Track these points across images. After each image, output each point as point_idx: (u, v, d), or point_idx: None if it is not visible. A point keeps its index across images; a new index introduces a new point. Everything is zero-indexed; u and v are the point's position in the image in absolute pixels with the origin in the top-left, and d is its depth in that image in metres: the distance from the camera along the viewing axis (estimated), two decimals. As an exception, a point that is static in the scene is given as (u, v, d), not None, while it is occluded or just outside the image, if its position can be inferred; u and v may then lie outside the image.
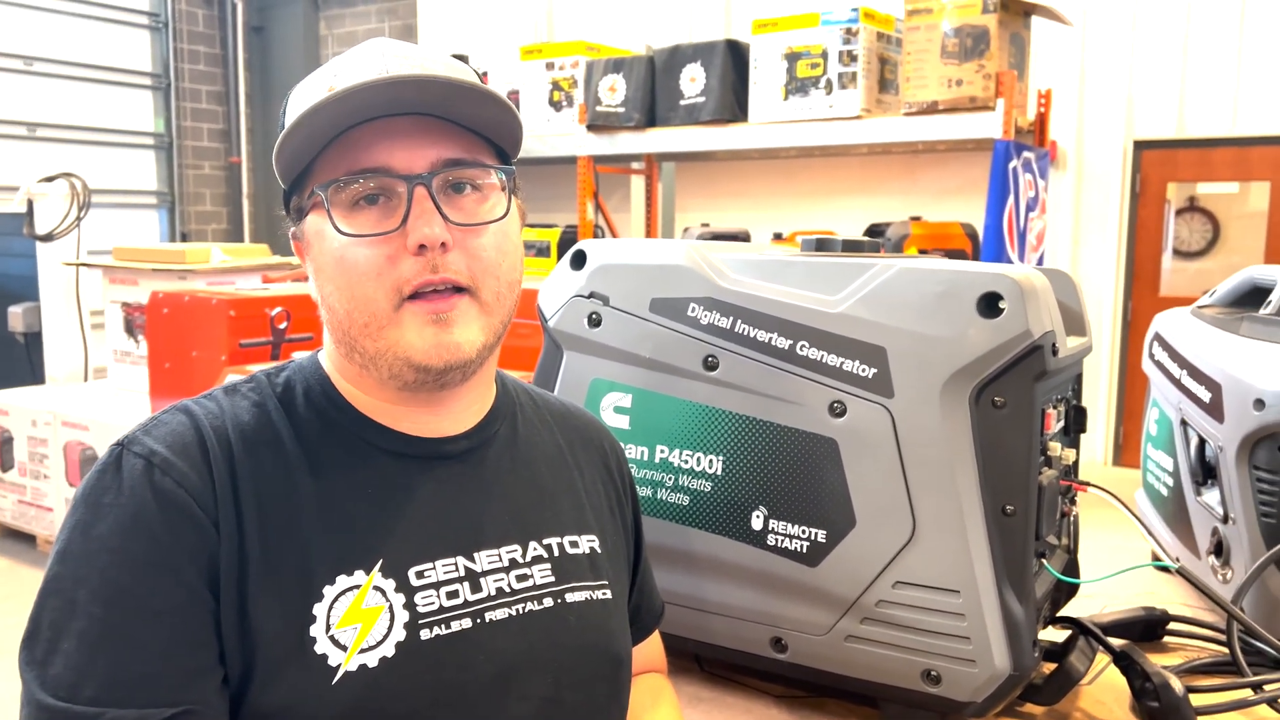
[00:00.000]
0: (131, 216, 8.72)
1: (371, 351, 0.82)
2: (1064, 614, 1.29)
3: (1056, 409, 1.19)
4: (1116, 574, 1.25)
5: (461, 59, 1.44)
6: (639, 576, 1.05)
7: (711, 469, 1.18)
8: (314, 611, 0.76)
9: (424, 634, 0.79)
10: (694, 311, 1.19)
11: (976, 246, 4.59)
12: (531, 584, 0.86)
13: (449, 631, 0.80)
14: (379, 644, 0.77)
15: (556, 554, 0.89)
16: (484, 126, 0.86)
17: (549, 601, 0.86)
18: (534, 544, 0.88)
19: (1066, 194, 5.66)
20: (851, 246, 1.23)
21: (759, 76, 4.85)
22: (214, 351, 3.25)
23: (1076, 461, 1.28)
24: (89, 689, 0.70)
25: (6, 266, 5.50)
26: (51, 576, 0.75)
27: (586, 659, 0.88)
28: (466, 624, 0.81)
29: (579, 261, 1.28)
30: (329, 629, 0.76)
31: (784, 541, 1.14)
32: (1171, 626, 1.39)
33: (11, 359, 5.44)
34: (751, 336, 1.15)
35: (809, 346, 1.12)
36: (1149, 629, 1.39)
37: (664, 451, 1.21)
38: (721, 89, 4.94)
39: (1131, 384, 5.66)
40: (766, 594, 1.16)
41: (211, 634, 0.74)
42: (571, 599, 0.88)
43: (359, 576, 0.78)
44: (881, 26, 4.69)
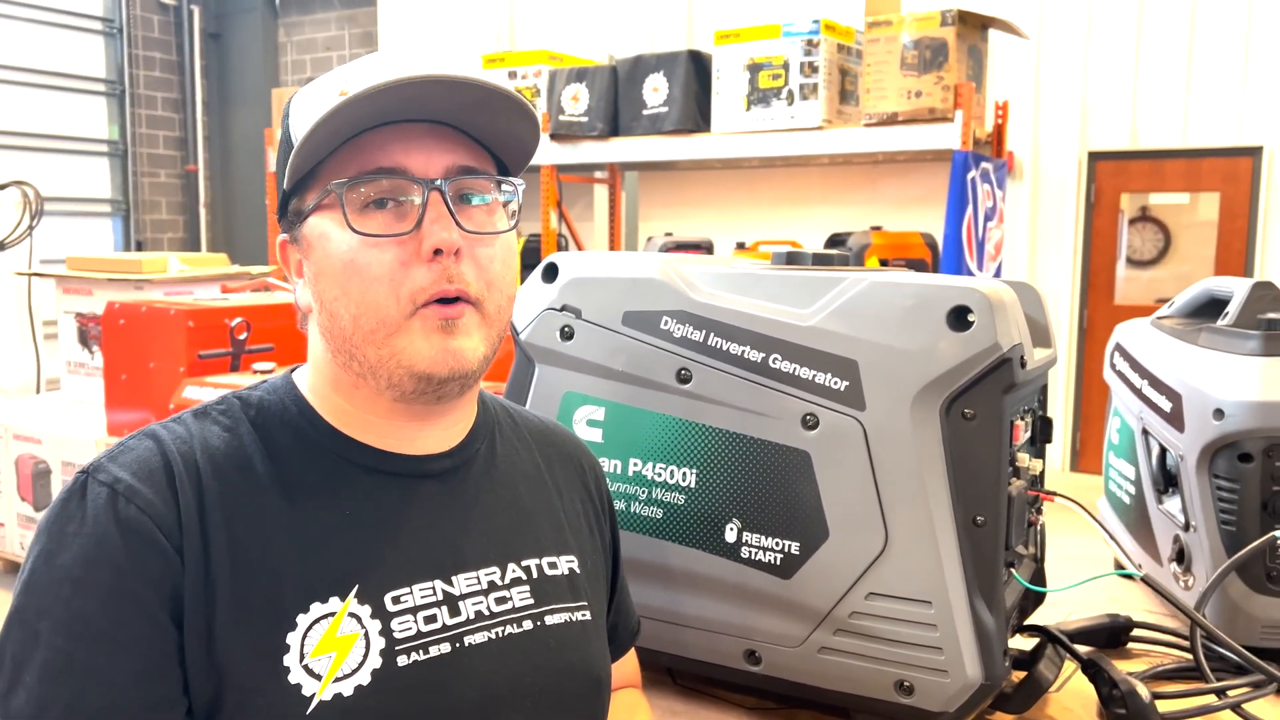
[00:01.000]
0: (85, 225, 8.58)
1: (374, 359, 0.80)
2: (1031, 622, 1.31)
3: (1024, 420, 1.21)
4: (1083, 582, 1.26)
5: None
6: (616, 595, 1.04)
7: (685, 482, 1.19)
8: (287, 640, 0.75)
9: (401, 660, 0.77)
10: (667, 325, 1.19)
11: (936, 256, 4.64)
12: (510, 607, 0.85)
13: (427, 657, 0.79)
14: (354, 672, 0.76)
15: (535, 576, 0.88)
16: (495, 138, 0.85)
17: (528, 624, 0.86)
18: (513, 566, 0.87)
19: (1023, 204, 5.75)
20: (822, 260, 1.24)
21: (721, 87, 4.88)
22: (172, 363, 3.19)
23: (1043, 471, 1.30)
24: None
25: (-45, 276, 5.36)
26: (15, 608, 0.73)
27: (567, 681, 0.87)
28: (445, 649, 0.80)
29: (550, 274, 1.28)
30: (303, 658, 0.75)
31: (757, 554, 1.15)
32: (1135, 633, 1.42)
33: (-40, 371, 5.31)
34: (724, 350, 1.16)
35: (781, 359, 1.13)
36: (1113, 636, 1.41)
37: (637, 465, 1.21)
38: (684, 99, 4.96)
39: (1088, 391, 5.76)
40: (740, 606, 1.16)
41: (175, 665, 0.73)
42: (551, 621, 0.87)
43: (334, 603, 0.77)
44: (842, 38, 4.74)
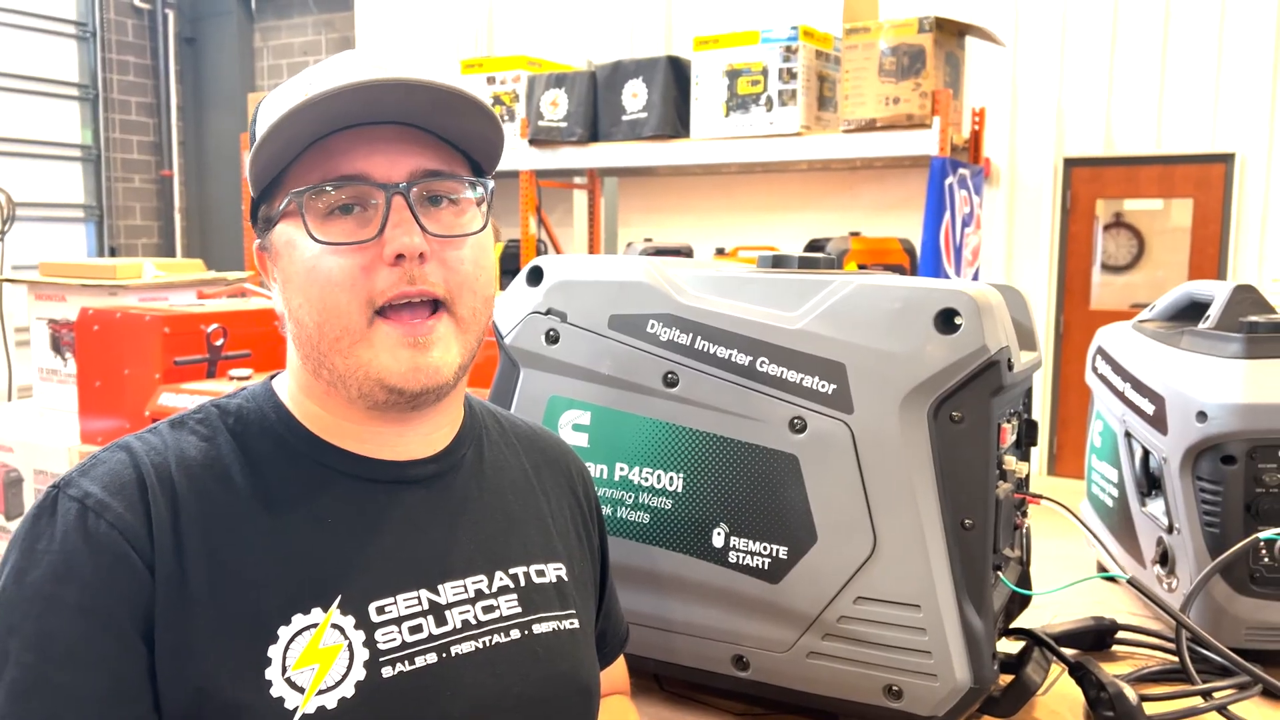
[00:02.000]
0: (58, 231, 8.49)
1: (341, 369, 0.79)
2: (1017, 625, 1.31)
3: (1010, 423, 1.21)
4: (1071, 585, 1.27)
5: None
6: (605, 601, 1.03)
7: (672, 486, 1.18)
8: (269, 653, 0.73)
9: (386, 671, 0.76)
10: (653, 328, 1.18)
11: (914, 261, 4.67)
12: (498, 615, 0.84)
13: (413, 668, 0.77)
14: (338, 684, 0.74)
15: (523, 584, 0.87)
16: (464, 138, 0.84)
17: (516, 633, 0.84)
18: (500, 574, 0.86)
19: (1000, 210, 5.80)
20: (808, 263, 1.23)
21: (700, 93, 4.89)
22: (147, 369, 3.15)
23: (1028, 474, 1.30)
24: None
25: (-75, 282, 5.29)
26: None
27: (555, 691, 0.86)
28: (431, 659, 0.78)
29: (535, 278, 1.27)
30: (285, 671, 0.73)
31: (745, 558, 1.14)
32: (1120, 635, 1.42)
33: (-70, 378, 5.24)
34: (711, 353, 1.15)
35: (769, 363, 1.12)
36: (1099, 638, 1.41)
37: (624, 469, 1.20)
38: (663, 105, 4.97)
39: (1065, 395, 5.80)
40: (728, 612, 1.16)
41: (146, 684, 0.71)
42: (539, 630, 0.86)
43: (316, 614, 0.75)
44: (820, 45, 4.76)
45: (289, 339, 0.84)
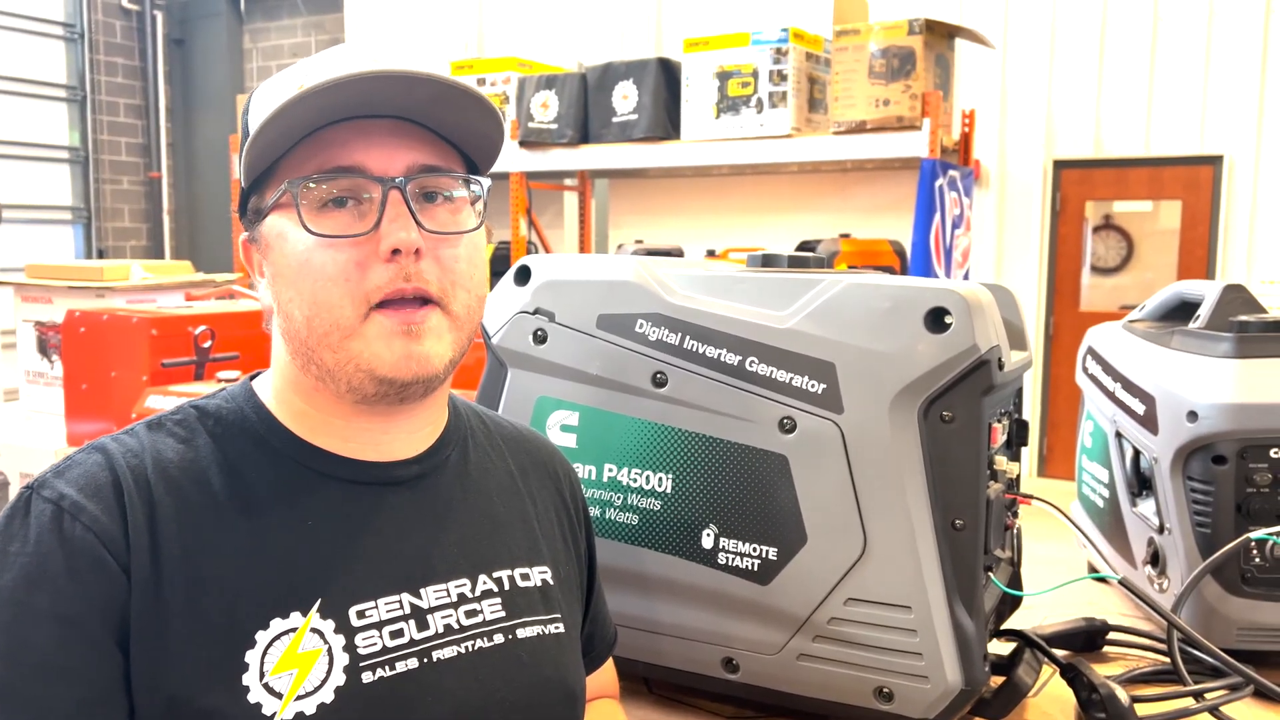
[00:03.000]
0: (45, 233, 8.44)
1: (330, 363, 0.78)
2: (1008, 627, 1.30)
3: (1001, 423, 1.20)
4: (1061, 586, 1.26)
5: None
6: (592, 605, 1.02)
7: (661, 487, 1.17)
8: (246, 659, 0.72)
9: (366, 677, 0.75)
10: (642, 328, 1.17)
11: (904, 263, 4.67)
12: (481, 620, 0.83)
13: (394, 673, 0.76)
14: (316, 690, 0.73)
15: (507, 588, 0.86)
16: (462, 135, 0.83)
17: (499, 638, 0.83)
18: (484, 577, 0.85)
19: (990, 212, 5.80)
20: (798, 262, 1.22)
21: (691, 95, 4.88)
22: (134, 372, 3.13)
23: (1019, 475, 1.30)
24: None
25: (-89, 284, 5.25)
26: None
27: (539, 696, 0.84)
28: (413, 664, 0.77)
29: (523, 277, 1.26)
30: (263, 676, 0.72)
31: (735, 560, 1.13)
32: (1111, 636, 1.41)
33: (-85, 381, 5.20)
34: (700, 353, 1.14)
35: (758, 362, 1.12)
36: (1090, 639, 1.40)
37: (612, 470, 1.19)
38: (654, 107, 4.96)
39: (1054, 396, 5.81)
40: (717, 614, 1.15)
41: (120, 691, 0.70)
42: (523, 635, 0.85)
43: (295, 619, 0.74)
44: (810, 47, 4.76)
45: (275, 334, 0.83)
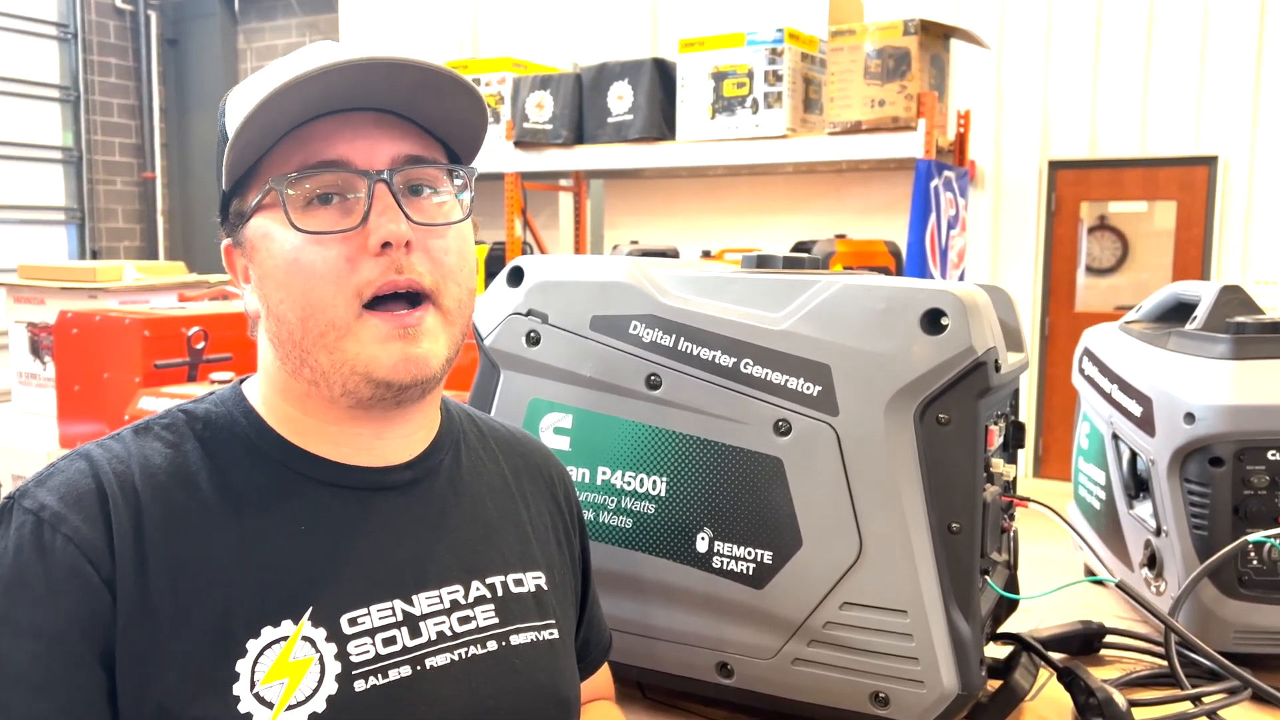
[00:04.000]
0: (38, 233, 8.41)
1: (325, 365, 0.77)
2: (1005, 630, 1.29)
3: (997, 425, 1.19)
4: (1057, 589, 1.25)
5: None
6: (587, 610, 1.01)
7: (655, 490, 1.16)
8: (237, 668, 0.71)
9: (358, 685, 0.74)
10: (636, 329, 1.16)
11: (900, 264, 4.66)
12: (474, 627, 0.81)
13: (386, 681, 0.75)
14: (308, 699, 0.72)
15: (501, 594, 0.85)
16: (445, 124, 0.82)
17: (493, 645, 0.82)
18: (477, 584, 0.83)
19: (985, 212, 5.80)
20: (793, 263, 1.22)
21: (686, 95, 4.88)
22: (127, 373, 3.12)
23: (1015, 477, 1.29)
24: None
25: (-98, 285, 5.22)
26: None
27: (533, 704, 0.83)
28: (405, 672, 0.76)
29: (516, 278, 1.25)
30: (253, 686, 0.70)
31: (729, 563, 1.12)
32: (1108, 639, 1.41)
33: (-93, 382, 5.17)
34: (695, 354, 1.13)
35: (753, 364, 1.11)
36: (1086, 643, 1.40)
37: (606, 473, 1.18)
38: (649, 107, 4.95)
39: (1050, 398, 5.81)
40: (712, 618, 1.14)
41: (101, 706, 0.69)
42: (516, 641, 0.84)
43: (286, 627, 0.73)
44: (806, 47, 4.76)
45: (263, 338, 0.81)
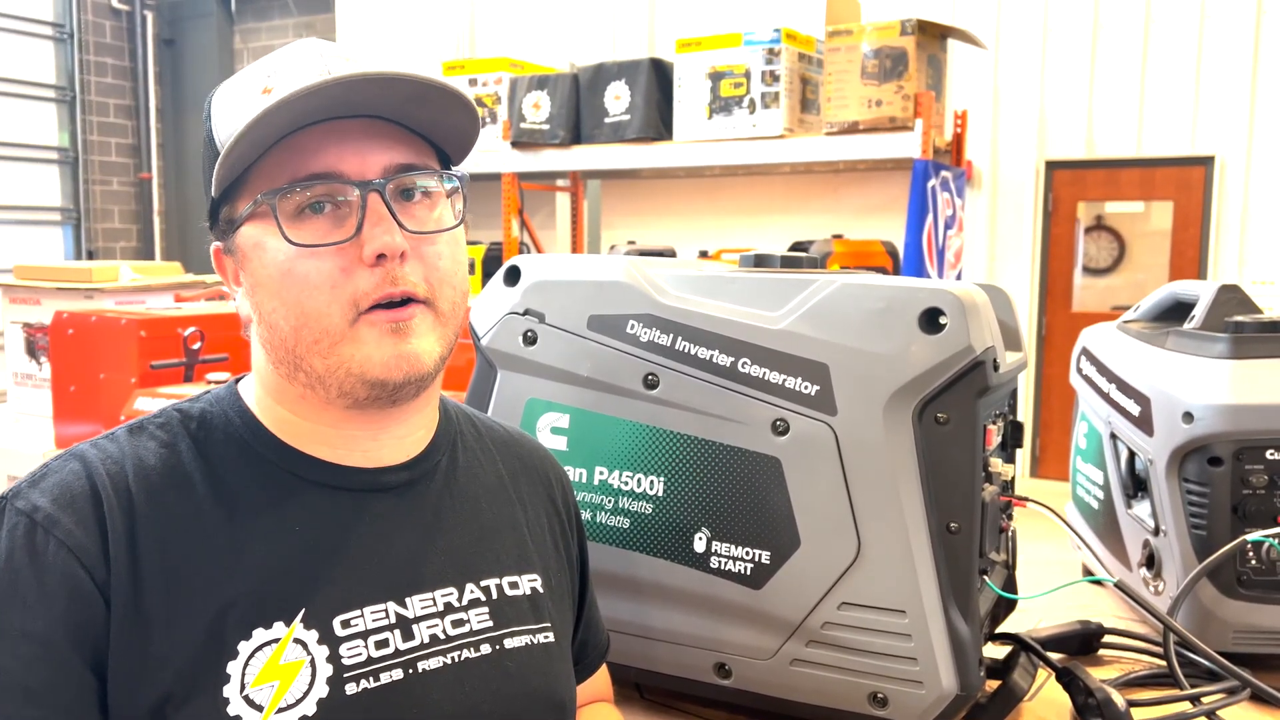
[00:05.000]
0: (34, 233, 8.40)
1: (321, 370, 0.76)
2: (1003, 630, 1.29)
3: (996, 425, 1.19)
4: (1056, 589, 1.25)
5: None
6: (585, 611, 1.01)
7: (653, 490, 1.15)
8: (228, 670, 0.70)
9: (350, 688, 0.73)
10: (633, 329, 1.16)
11: (897, 264, 4.66)
12: (468, 630, 0.81)
13: (378, 684, 0.74)
14: (298, 702, 0.71)
15: (495, 597, 0.84)
16: (434, 129, 0.81)
17: (486, 648, 0.81)
18: (471, 586, 0.83)
19: (982, 212, 5.81)
20: (791, 263, 1.21)
21: (683, 95, 4.87)
22: (123, 374, 3.11)
23: (1014, 477, 1.29)
24: None
25: (-103, 286, 5.21)
26: None
27: (527, 708, 0.83)
28: (397, 675, 0.75)
29: (513, 278, 1.24)
30: (244, 688, 0.70)
31: (727, 564, 1.12)
32: (1107, 639, 1.40)
33: (-98, 383, 5.16)
34: (692, 354, 1.13)
35: (751, 364, 1.10)
36: (1085, 643, 1.39)
37: (603, 473, 1.18)
38: (646, 107, 4.95)
39: (1047, 398, 5.81)
40: (710, 618, 1.13)
41: (92, 710, 0.68)
42: (511, 645, 0.83)
43: (278, 629, 0.72)
44: (803, 47, 4.76)
45: (255, 342, 0.81)
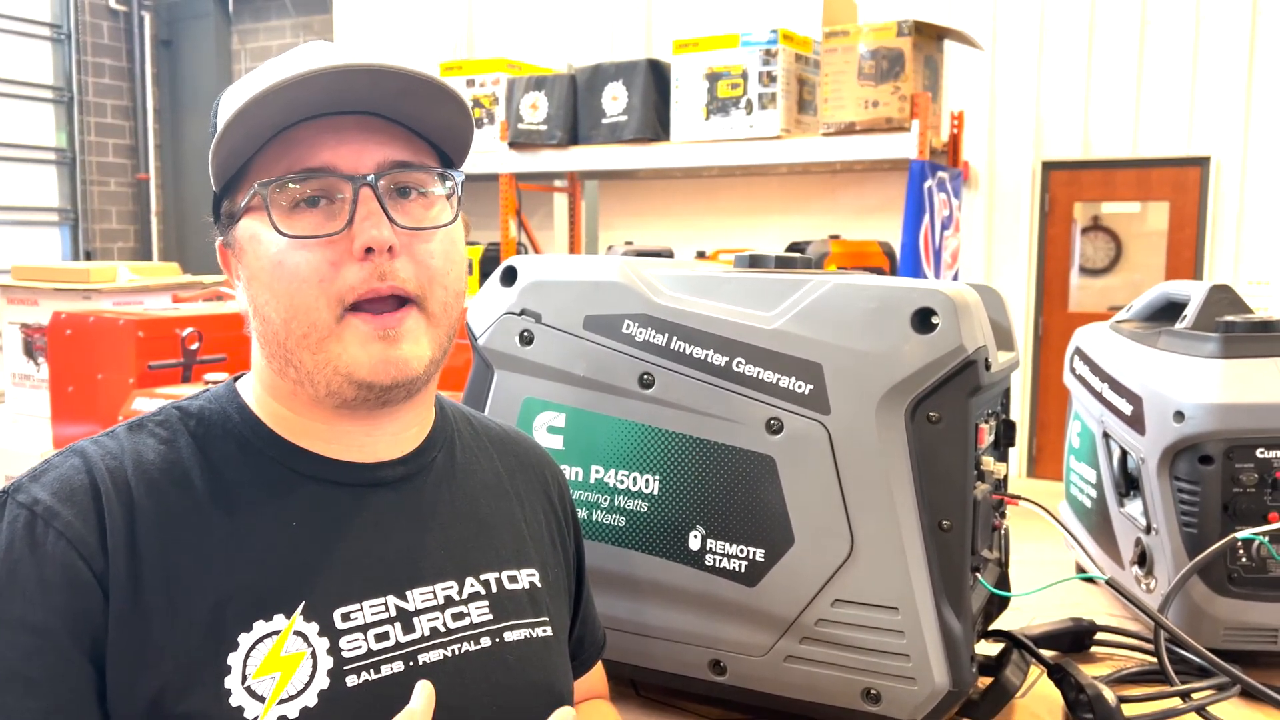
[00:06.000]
0: (31, 234, 8.39)
1: (309, 366, 0.77)
2: (996, 627, 1.30)
3: (988, 424, 1.20)
4: (1048, 586, 1.26)
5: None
6: (581, 607, 1.02)
7: (648, 489, 1.16)
8: (229, 661, 0.71)
9: (350, 680, 0.74)
10: (629, 328, 1.17)
11: (894, 265, 4.67)
12: (468, 623, 0.82)
13: (378, 676, 0.75)
14: (300, 693, 0.72)
15: (494, 590, 0.85)
16: (432, 129, 0.82)
17: (486, 641, 0.82)
18: (471, 580, 0.84)
19: (979, 213, 5.81)
20: (785, 263, 1.22)
21: (680, 96, 4.88)
22: (121, 374, 3.11)
23: (1006, 475, 1.30)
24: None
25: (-105, 286, 5.21)
26: None
27: (527, 700, 0.84)
28: (398, 667, 0.76)
29: (509, 278, 1.25)
30: (245, 679, 0.71)
31: (722, 561, 1.13)
32: (1098, 636, 1.41)
33: (-100, 384, 5.16)
34: (687, 353, 1.14)
35: (745, 363, 1.11)
36: (1077, 640, 1.40)
37: (599, 472, 1.19)
38: (643, 108, 4.95)
39: (1043, 397, 5.82)
40: (705, 615, 1.14)
41: (89, 703, 0.69)
42: (510, 638, 0.84)
43: (279, 621, 0.73)
44: (800, 48, 4.77)
45: (254, 337, 0.82)
